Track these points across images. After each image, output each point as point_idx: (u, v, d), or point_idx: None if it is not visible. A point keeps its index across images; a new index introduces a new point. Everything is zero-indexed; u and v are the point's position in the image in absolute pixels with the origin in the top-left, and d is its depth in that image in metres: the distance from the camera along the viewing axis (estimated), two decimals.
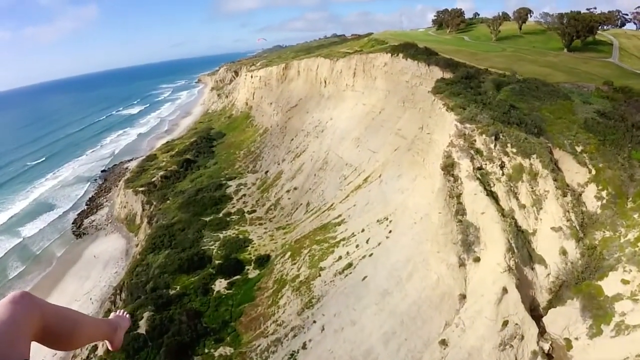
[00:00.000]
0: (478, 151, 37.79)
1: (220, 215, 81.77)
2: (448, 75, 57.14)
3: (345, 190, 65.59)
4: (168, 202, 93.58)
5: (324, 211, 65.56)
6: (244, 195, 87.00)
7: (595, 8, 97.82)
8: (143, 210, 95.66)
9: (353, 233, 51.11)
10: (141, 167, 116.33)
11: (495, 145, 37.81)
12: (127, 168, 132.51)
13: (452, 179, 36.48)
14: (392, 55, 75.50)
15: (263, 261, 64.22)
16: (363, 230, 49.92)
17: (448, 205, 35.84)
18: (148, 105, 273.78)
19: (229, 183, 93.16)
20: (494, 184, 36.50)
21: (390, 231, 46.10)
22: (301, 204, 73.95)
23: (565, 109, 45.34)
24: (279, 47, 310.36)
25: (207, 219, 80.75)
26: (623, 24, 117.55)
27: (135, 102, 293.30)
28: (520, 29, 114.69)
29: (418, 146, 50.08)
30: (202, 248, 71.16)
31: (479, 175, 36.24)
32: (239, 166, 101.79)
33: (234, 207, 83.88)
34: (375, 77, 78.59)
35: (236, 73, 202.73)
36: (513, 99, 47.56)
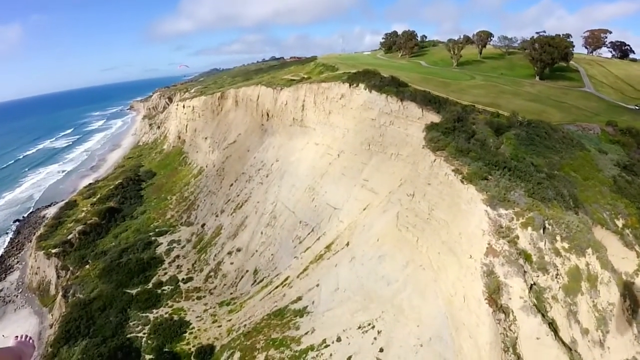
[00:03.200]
0: (527, 256, 23.06)
1: (150, 285, 63.32)
2: (432, 116, 42.62)
3: (303, 259, 48.77)
4: (87, 267, 73.59)
5: (277, 286, 48.59)
6: (178, 256, 67.72)
7: (544, 31, 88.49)
8: (58, 277, 75.84)
9: (324, 341, 34.55)
10: (57, 219, 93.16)
11: (544, 243, 23.38)
12: (44, 216, 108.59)
13: (502, 315, 21.23)
14: (350, 86, 59.09)
15: (205, 355, 47.47)
16: (339, 340, 33.51)
17: None
18: (79, 136, 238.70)
19: (160, 240, 73.12)
20: (551, 307, 22.07)
21: (381, 349, 30.16)
22: (247, 271, 56.30)
23: (587, 163, 38.07)
24: (215, 71, 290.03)
25: (134, 291, 62.36)
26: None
27: (64, 134, 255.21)
28: (481, 53, 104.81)
29: (407, 218, 34.73)
30: (128, 336, 54.04)
31: (535, 301, 21.46)
32: (171, 216, 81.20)
33: (165, 273, 64.99)
34: (329, 112, 61.70)
35: (170, 99, 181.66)
36: (522, 150, 35.51)
